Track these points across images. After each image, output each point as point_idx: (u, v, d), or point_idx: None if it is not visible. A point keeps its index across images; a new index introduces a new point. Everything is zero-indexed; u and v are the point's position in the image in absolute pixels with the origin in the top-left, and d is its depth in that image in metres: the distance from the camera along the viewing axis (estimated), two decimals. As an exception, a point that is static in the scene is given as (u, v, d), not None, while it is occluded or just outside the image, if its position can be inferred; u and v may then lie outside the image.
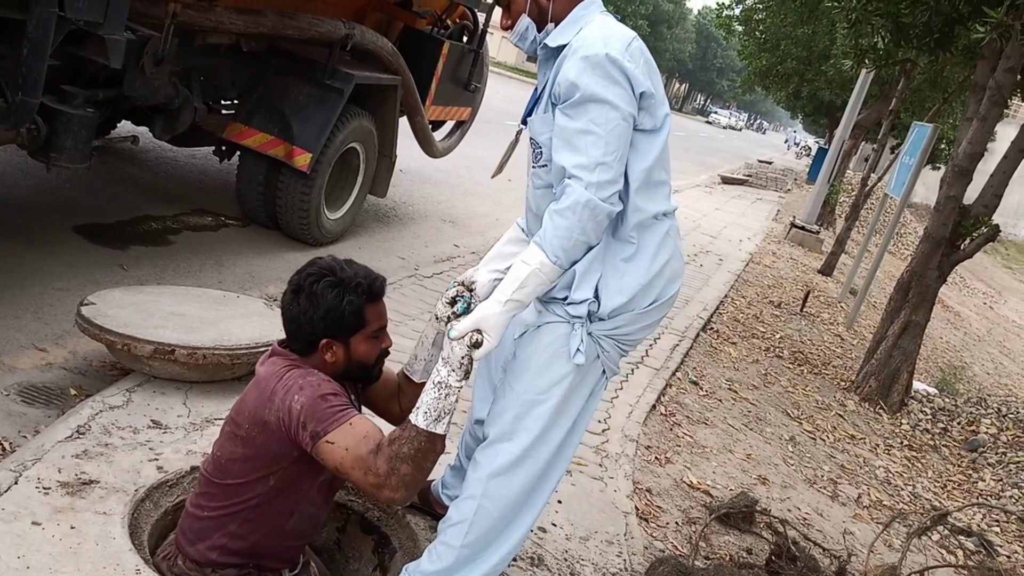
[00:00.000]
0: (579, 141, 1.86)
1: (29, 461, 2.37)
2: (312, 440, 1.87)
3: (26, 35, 3.08)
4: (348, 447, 1.84)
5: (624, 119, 1.88)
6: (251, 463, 1.96)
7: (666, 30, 57.09)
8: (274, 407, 1.91)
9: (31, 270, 4.01)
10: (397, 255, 6.18)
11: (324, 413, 1.87)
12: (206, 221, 5.62)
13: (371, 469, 1.83)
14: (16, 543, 2.03)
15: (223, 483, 2.00)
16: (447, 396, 1.84)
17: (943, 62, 7.74)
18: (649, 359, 4.97)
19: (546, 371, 2.05)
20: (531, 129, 2.07)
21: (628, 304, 2.02)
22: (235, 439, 1.98)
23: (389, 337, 2.11)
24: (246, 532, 2.01)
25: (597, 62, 1.86)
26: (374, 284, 2.03)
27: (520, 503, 2.11)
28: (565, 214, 1.86)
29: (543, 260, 1.90)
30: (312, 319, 1.98)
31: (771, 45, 15.50)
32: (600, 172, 1.86)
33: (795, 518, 3.62)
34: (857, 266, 9.67)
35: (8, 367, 3.16)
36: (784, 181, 23.61)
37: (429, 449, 1.85)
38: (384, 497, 1.85)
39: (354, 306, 1.99)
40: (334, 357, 2.03)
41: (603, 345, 2.06)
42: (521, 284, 1.90)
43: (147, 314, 3.13)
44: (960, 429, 5.80)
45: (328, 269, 2.02)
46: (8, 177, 5.15)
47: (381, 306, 2.07)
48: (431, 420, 1.83)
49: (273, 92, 5.19)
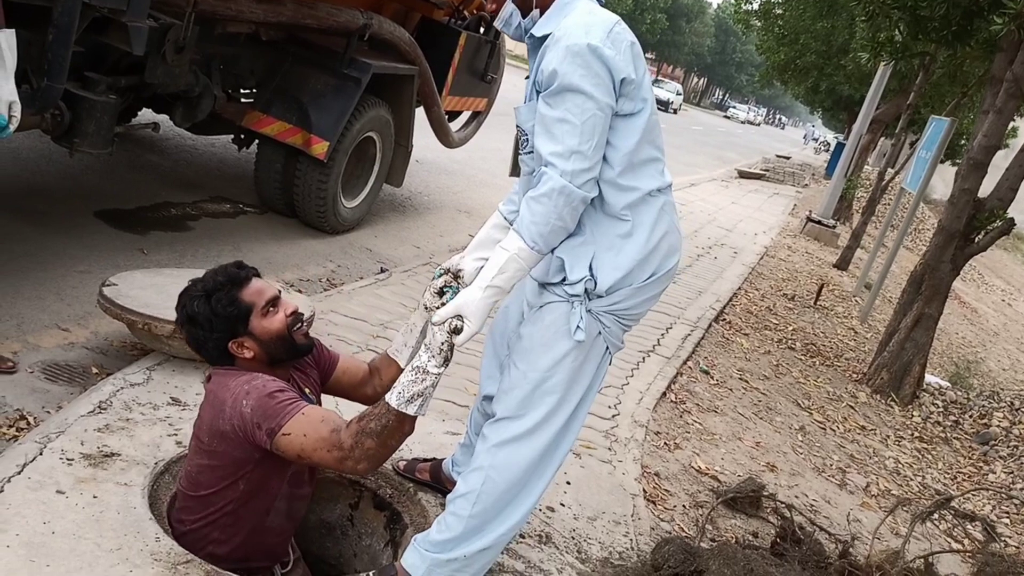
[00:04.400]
0: (556, 129, 1.92)
1: (53, 434, 2.45)
2: (269, 437, 1.95)
3: (51, 21, 3.15)
4: (306, 433, 1.93)
5: (600, 109, 1.93)
6: (218, 472, 2.05)
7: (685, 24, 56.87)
8: (226, 416, 1.99)
9: (54, 253, 4.10)
10: (412, 244, 6.25)
11: (274, 410, 1.95)
12: (225, 208, 5.70)
13: (334, 445, 1.91)
14: (42, 510, 2.11)
15: (197, 495, 2.10)
16: (423, 380, 1.89)
17: (962, 55, 7.72)
18: (660, 348, 5.01)
19: (549, 350, 2.10)
20: (518, 117, 2.13)
21: (625, 279, 2.07)
22: (200, 452, 2.08)
23: (288, 303, 2.15)
24: (228, 537, 2.12)
25: (577, 51, 1.91)
26: (234, 273, 2.09)
27: (527, 476, 2.15)
28: (541, 200, 1.93)
29: (521, 246, 1.96)
30: (206, 335, 2.08)
31: (790, 39, 15.42)
32: (575, 160, 1.91)
33: (802, 505, 3.65)
34: (872, 260, 9.65)
35: (32, 346, 3.25)
36: (802, 176, 23.49)
37: (396, 428, 1.91)
38: (348, 468, 1.95)
39: (226, 300, 2.05)
40: (251, 351, 2.09)
41: (603, 321, 2.10)
42: (500, 270, 1.96)
43: (167, 295, 3.19)
44: (972, 422, 5.81)
45: (192, 289, 2.10)
46: (32, 163, 5.25)
47: (255, 284, 2.10)
48: (403, 401, 1.88)
49: (291, 81, 5.26)
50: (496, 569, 2.42)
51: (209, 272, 2.12)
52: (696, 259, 8.22)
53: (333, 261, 5.33)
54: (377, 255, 5.72)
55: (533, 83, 2.05)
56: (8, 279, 3.68)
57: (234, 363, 2.13)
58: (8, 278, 3.69)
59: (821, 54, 15.42)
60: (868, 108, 12.52)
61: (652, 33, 48.65)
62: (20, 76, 2.89)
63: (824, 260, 11.15)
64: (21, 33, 2.82)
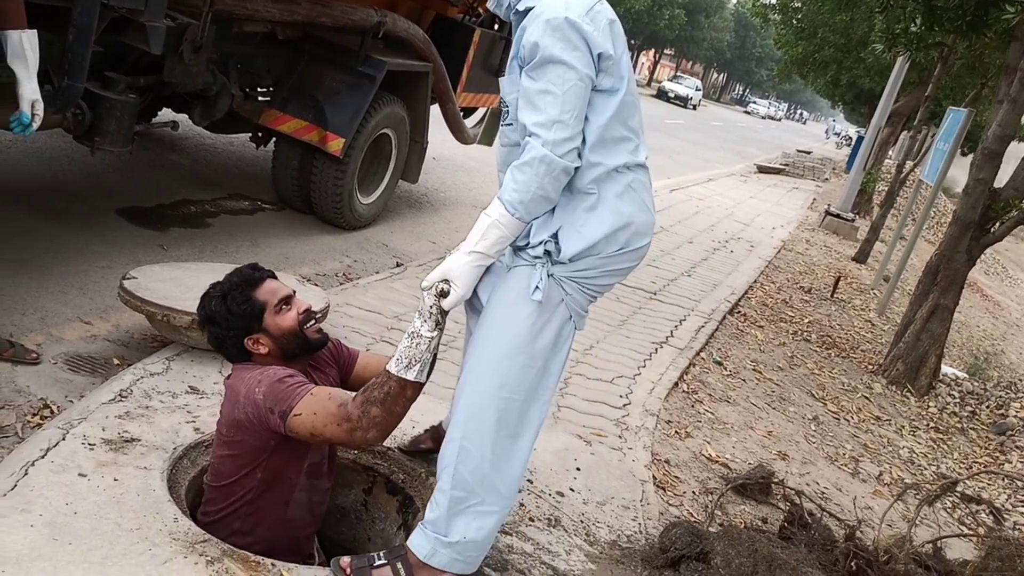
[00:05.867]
0: (538, 100, 1.98)
1: (75, 420, 2.53)
2: (282, 420, 2.07)
3: (71, 21, 3.25)
4: (316, 411, 2.05)
5: (581, 80, 1.98)
6: (238, 460, 2.19)
7: (703, 19, 56.44)
8: (241, 406, 2.12)
9: (76, 250, 4.20)
10: (428, 239, 6.31)
11: (284, 393, 2.07)
12: (243, 205, 5.79)
13: (343, 418, 2.03)
14: (64, 491, 2.19)
15: (219, 485, 2.24)
16: (417, 345, 2.01)
17: (980, 46, 7.68)
18: (673, 339, 5.04)
19: (510, 311, 2.13)
20: (501, 90, 2.19)
21: (592, 248, 2.10)
22: (221, 444, 2.22)
23: (301, 302, 2.29)
24: (250, 527, 2.23)
25: (557, 25, 1.97)
26: (249, 274, 2.25)
27: (499, 443, 2.14)
28: (523, 169, 1.98)
29: (502, 212, 2.02)
30: (224, 333, 2.23)
31: (808, 33, 15.34)
32: (557, 130, 1.96)
33: (813, 492, 3.68)
34: (890, 253, 9.61)
35: (56, 338, 3.34)
36: (822, 170, 23.35)
37: (399, 394, 2.03)
38: (358, 439, 2.06)
39: (240, 299, 2.20)
40: (266, 346, 2.23)
41: (566, 288, 2.13)
42: (483, 235, 2.03)
43: (185, 287, 3.28)
44: (989, 412, 5.79)
45: (210, 292, 2.26)
46: (55, 162, 5.37)
47: (269, 284, 2.25)
48: (402, 367, 2.00)
49: (307, 79, 5.34)
50: (504, 549, 2.48)
51: (226, 275, 2.27)
52: (712, 253, 8.23)
53: (349, 256, 5.40)
54: (393, 250, 5.79)
55: (515, 57, 2.11)
56: (32, 274, 3.78)
57: (251, 359, 2.25)
58: (32, 273, 3.79)
59: (840, 47, 15.33)
60: (887, 101, 12.46)
61: (671, 29, 48.30)
62: (42, 76, 2.96)
63: (843, 253, 11.11)
64: (42, 34, 2.89)
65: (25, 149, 5.34)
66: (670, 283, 6.52)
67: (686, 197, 11.54)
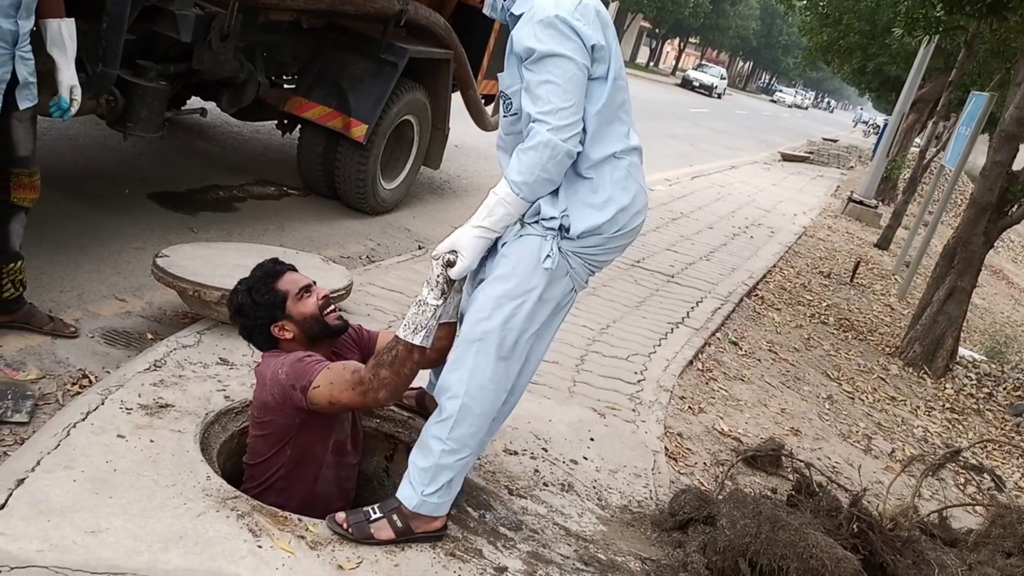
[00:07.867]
0: (541, 91, 2.12)
1: (113, 387, 2.68)
2: (303, 394, 2.28)
3: (105, 10, 3.39)
4: (332, 381, 2.26)
5: (579, 69, 2.13)
6: (269, 439, 2.41)
7: (729, 7, 55.93)
8: (268, 388, 2.35)
9: (111, 232, 4.36)
10: (450, 224, 6.42)
11: (304, 370, 2.29)
12: (269, 191, 5.94)
13: (357, 383, 2.23)
14: (104, 451, 2.33)
15: (254, 463, 2.47)
16: (423, 312, 2.19)
17: (1005, 30, 7.65)
18: (689, 320, 5.13)
19: (519, 277, 2.24)
20: (501, 83, 2.32)
21: (598, 228, 2.25)
22: (255, 425, 2.46)
23: (320, 290, 2.51)
24: (284, 502, 2.41)
25: (549, 22, 2.11)
26: (271, 268, 2.49)
27: (497, 400, 2.30)
28: (529, 152, 2.12)
29: (507, 191, 2.17)
30: (252, 323, 2.46)
31: (833, 19, 15.26)
32: (560, 116, 2.10)
33: (824, 466, 3.76)
34: (912, 238, 9.60)
35: (93, 314, 3.49)
36: (847, 158, 23.20)
37: (406, 357, 2.21)
38: (371, 400, 2.25)
39: (264, 290, 2.43)
40: (291, 332, 2.45)
41: (571, 263, 2.28)
42: (490, 212, 2.18)
43: (215, 265, 3.42)
44: (1006, 394, 5.82)
45: (237, 287, 2.49)
46: (89, 149, 5.54)
47: (290, 276, 2.49)
48: (408, 332, 2.19)
49: (331, 67, 5.47)
50: (519, 511, 2.59)
51: (251, 271, 2.50)
52: (732, 238, 8.28)
53: (373, 240, 5.53)
54: (415, 234, 5.91)
55: (512, 54, 2.23)
56: (69, 255, 3.94)
57: (275, 346, 2.47)
58: (69, 254, 3.95)
59: (865, 34, 15.23)
60: (910, 87, 12.38)
61: (696, 17, 47.88)
62: (77, 64, 3.10)
63: (865, 240, 11.10)
64: (77, 22, 3.03)
65: (60, 137, 5.52)
66: (688, 267, 6.59)
67: (708, 184, 11.57)
